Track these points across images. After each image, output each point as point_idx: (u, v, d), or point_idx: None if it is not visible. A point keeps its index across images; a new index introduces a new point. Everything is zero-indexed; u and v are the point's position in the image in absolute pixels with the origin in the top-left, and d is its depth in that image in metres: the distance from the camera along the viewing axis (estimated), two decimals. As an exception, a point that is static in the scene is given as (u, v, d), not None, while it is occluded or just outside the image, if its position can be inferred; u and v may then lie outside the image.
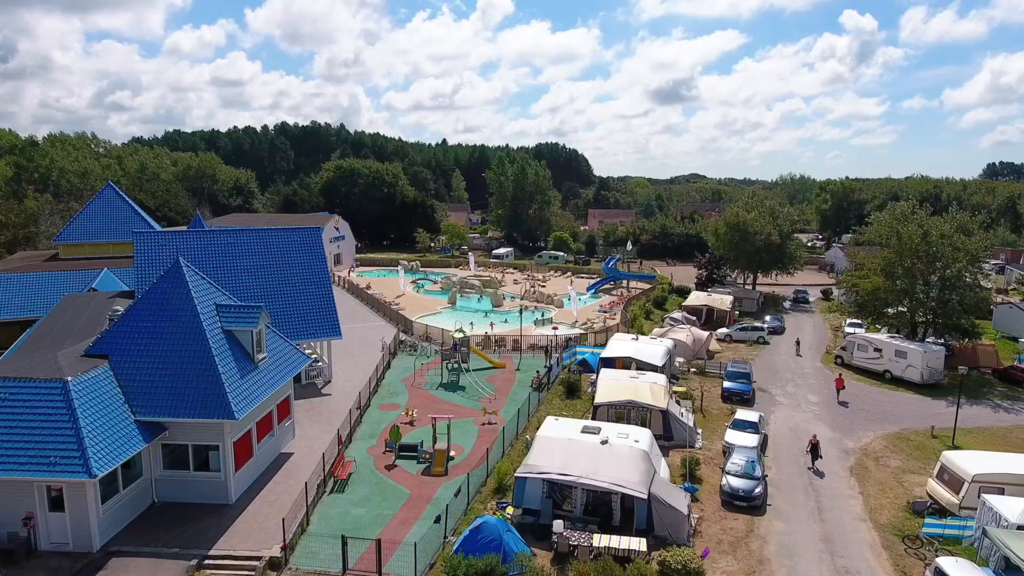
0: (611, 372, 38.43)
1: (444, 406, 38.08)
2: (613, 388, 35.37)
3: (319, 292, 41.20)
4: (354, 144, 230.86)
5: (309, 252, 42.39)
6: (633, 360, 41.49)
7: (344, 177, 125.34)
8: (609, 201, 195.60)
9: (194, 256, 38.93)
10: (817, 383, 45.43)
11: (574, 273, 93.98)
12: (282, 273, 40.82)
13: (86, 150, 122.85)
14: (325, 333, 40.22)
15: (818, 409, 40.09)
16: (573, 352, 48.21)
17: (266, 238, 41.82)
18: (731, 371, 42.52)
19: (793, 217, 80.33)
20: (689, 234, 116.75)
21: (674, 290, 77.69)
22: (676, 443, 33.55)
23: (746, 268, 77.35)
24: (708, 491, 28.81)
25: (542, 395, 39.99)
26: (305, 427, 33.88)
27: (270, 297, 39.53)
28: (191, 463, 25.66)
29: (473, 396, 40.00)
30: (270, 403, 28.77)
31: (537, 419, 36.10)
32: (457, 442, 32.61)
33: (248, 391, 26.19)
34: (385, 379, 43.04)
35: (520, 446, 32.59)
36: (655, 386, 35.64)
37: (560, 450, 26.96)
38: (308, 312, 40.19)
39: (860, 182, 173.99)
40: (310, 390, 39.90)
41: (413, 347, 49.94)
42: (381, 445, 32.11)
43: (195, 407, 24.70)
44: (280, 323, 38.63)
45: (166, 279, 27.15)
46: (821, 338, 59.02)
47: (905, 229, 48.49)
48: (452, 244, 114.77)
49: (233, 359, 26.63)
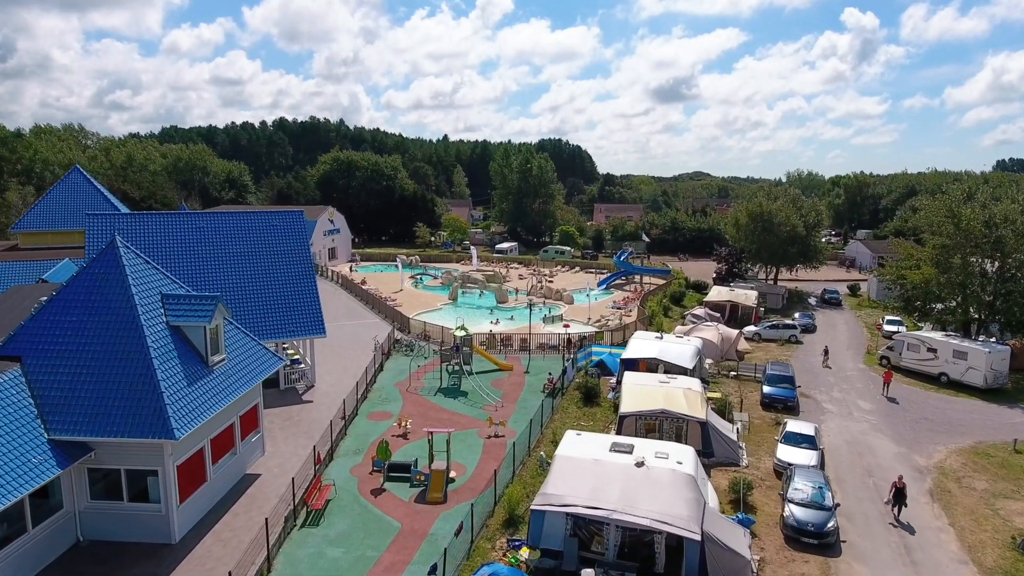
0: (636, 376, 33.18)
1: (443, 415, 32.89)
2: (641, 395, 30.14)
3: (301, 284, 36.04)
4: (354, 140, 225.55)
5: (290, 239, 37.20)
6: (659, 362, 36.32)
7: (341, 170, 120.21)
8: (614, 196, 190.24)
9: (155, 242, 33.84)
10: (865, 387, 40.15)
11: (583, 268, 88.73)
12: (259, 262, 35.67)
13: (72, 141, 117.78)
14: (307, 331, 35.04)
15: (873, 418, 34.82)
16: (588, 352, 42.99)
17: (241, 222, 36.64)
18: (771, 374, 37.22)
19: (818, 207, 74.93)
20: (701, 228, 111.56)
21: (690, 285, 72.52)
22: (717, 460, 28.34)
23: (769, 262, 72.04)
24: (765, 523, 23.58)
25: (556, 402, 34.79)
26: (279, 441, 28.69)
27: (244, 289, 34.47)
28: (124, 492, 20.49)
29: (477, 403, 34.81)
30: (229, 415, 23.57)
31: (551, 430, 30.94)
32: (458, 459, 27.43)
33: (197, 402, 21.00)
34: (377, 383, 37.85)
35: (533, 465, 27.38)
36: (690, 392, 30.41)
37: (586, 474, 21.75)
38: (288, 307, 35.03)
39: (873, 177, 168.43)
40: (289, 396, 34.71)
41: (409, 347, 44.75)
42: (367, 464, 26.90)
43: (126, 423, 19.52)
44: (256, 319, 33.62)
45: (98, 263, 21.96)
46: (857, 337, 53.72)
47: (965, 213, 43.11)
48: (453, 239, 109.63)
49: (180, 362, 21.43)
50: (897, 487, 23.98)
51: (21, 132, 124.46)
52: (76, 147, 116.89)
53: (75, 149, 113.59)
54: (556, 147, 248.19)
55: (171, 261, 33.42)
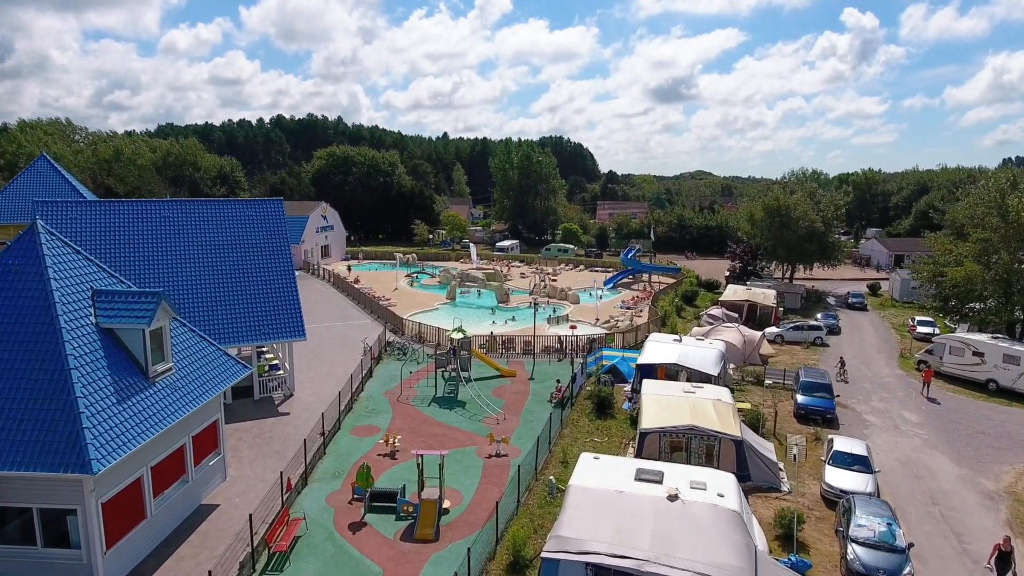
0: (657, 385, 29.24)
1: (437, 429, 28.93)
2: (665, 408, 26.20)
3: (279, 281, 32.10)
4: (352, 137, 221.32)
5: (268, 230, 33.28)
6: (680, 368, 32.41)
7: (337, 165, 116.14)
8: (617, 194, 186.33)
9: (112, 233, 29.93)
10: (907, 396, 36.19)
11: (587, 267, 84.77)
12: (231, 256, 31.76)
13: (58, 135, 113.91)
14: (285, 333, 31.07)
15: (924, 432, 30.86)
16: (599, 356, 39.02)
17: (211, 211, 32.71)
18: (806, 382, 33.20)
19: (837, 201, 70.88)
20: (709, 226, 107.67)
21: (701, 284, 68.57)
22: (755, 485, 24.43)
23: (786, 260, 68.01)
24: (822, 565, 19.64)
25: (565, 414, 30.83)
26: (245, 463, 24.74)
27: (213, 286, 30.57)
28: (38, 536, 16.54)
29: (476, 415, 30.85)
30: (177, 436, 19.62)
31: (561, 448, 27.01)
32: (454, 485, 23.49)
33: (130, 424, 17.06)
34: (364, 391, 33.89)
35: (541, 491, 23.42)
36: (721, 405, 26.48)
37: (607, 511, 17.80)
38: (264, 306, 31.09)
39: (883, 175, 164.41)
40: (264, 407, 30.73)
41: (402, 350, 40.77)
42: (347, 490, 22.95)
43: (33, 453, 15.58)
44: (225, 319, 29.73)
45: (10, 253, 18.01)
46: (887, 340, 49.75)
47: (1012, 203, 39.13)
48: (452, 237, 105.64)
49: (109, 374, 17.49)
50: (1002, 550, 18.69)
51: (8, 126, 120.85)
52: (62, 141, 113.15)
53: (61, 143, 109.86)
54: (557, 145, 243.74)
55: (128, 254, 29.56)
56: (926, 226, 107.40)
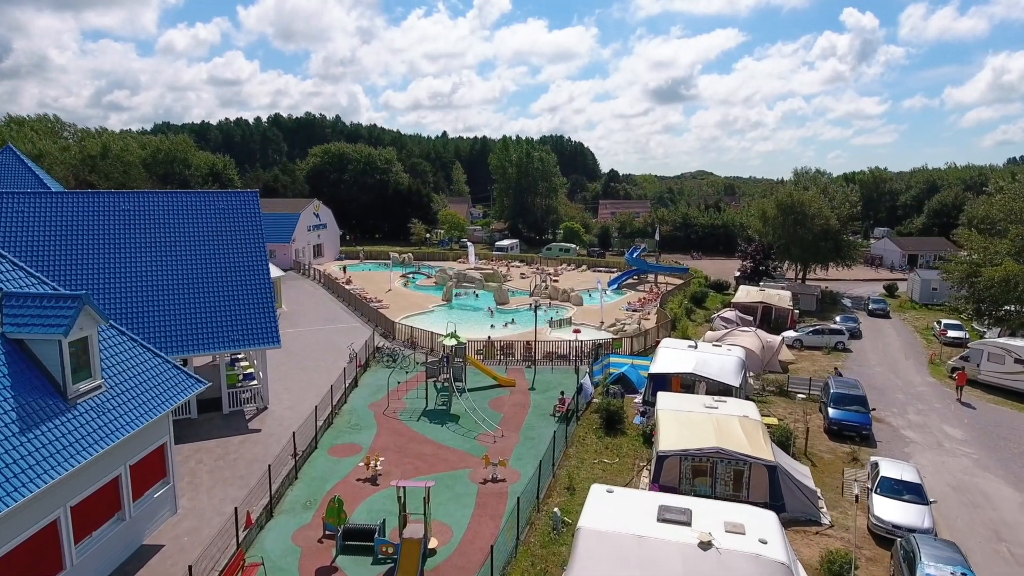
0: (674, 399, 25.98)
1: (426, 448, 25.67)
2: (685, 426, 22.96)
3: (252, 281, 28.85)
4: (350, 136, 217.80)
5: (240, 225, 30.05)
6: (697, 378, 29.18)
7: (332, 163, 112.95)
8: (619, 193, 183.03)
9: (62, 227, 26.72)
10: (945, 408, 32.93)
11: (589, 267, 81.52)
12: (197, 253, 28.54)
13: (45, 132, 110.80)
14: (256, 340, 27.81)
15: (971, 450, 27.59)
16: (606, 364, 35.80)
17: (178, 203, 29.49)
18: (838, 393, 29.86)
19: (852, 198, 67.60)
20: (715, 224, 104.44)
21: (711, 285, 65.34)
22: (790, 516, 21.18)
23: (799, 259, 64.73)
24: (881, 623, 16.41)
25: (570, 429, 27.57)
26: (202, 491, 21.50)
27: (177, 288, 27.33)
28: (-81, 598, 13.33)
29: (470, 431, 27.59)
30: (109, 466, 16.37)
31: (566, 472, 23.77)
32: (442, 518, 20.25)
33: (37, 456, 13.81)
34: (347, 404, 30.64)
35: (544, 527, 20.17)
36: (748, 423, 23.24)
37: (627, 562, 14.60)
38: (234, 310, 27.84)
39: (889, 174, 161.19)
40: (233, 423, 27.47)
41: (391, 356, 37.50)
42: (318, 525, 19.70)
43: (-98, 497, 12.33)
44: (189, 325, 26.52)
45: None
46: (912, 344, 46.49)
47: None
48: (450, 236, 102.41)
49: (13, 395, 14.26)
50: None
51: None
52: (49, 137, 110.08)
53: (47, 140, 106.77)
54: (558, 144, 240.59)
55: (79, 252, 26.33)
56: (940, 225, 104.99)
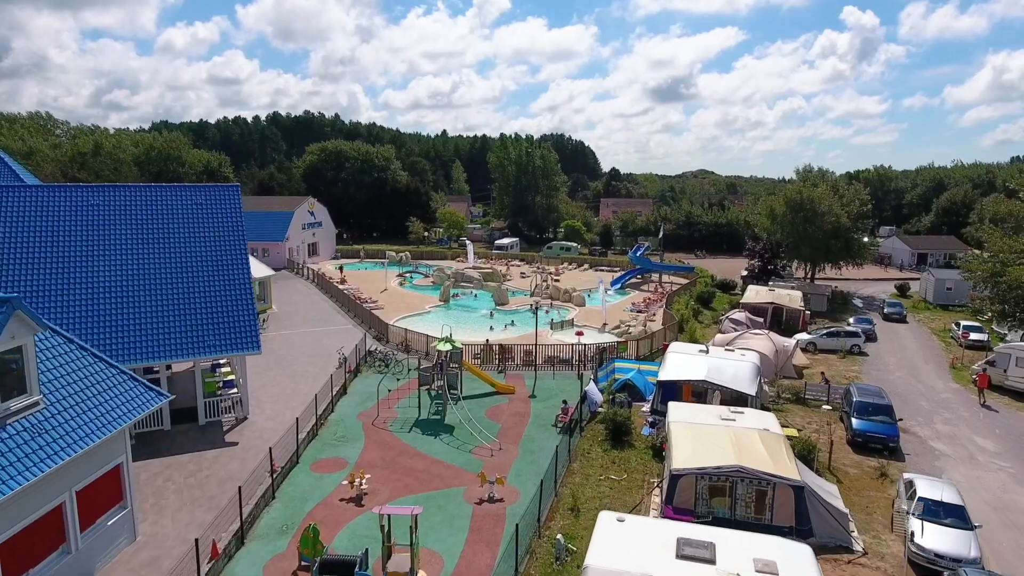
0: (686, 410, 23.92)
1: (417, 464, 23.63)
2: (700, 441, 20.90)
3: (230, 282, 26.83)
4: (349, 134, 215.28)
5: (219, 221, 28.03)
6: (711, 386, 27.12)
7: (329, 161, 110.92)
8: (621, 191, 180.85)
9: (23, 223, 24.70)
10: (973, 416, 30.87)
11: (591, 266, 79.47)
12: (172, 252, 26.53)
13: (36, 129, 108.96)
14: (234, 346, 25.78)
15: (1007, 464, 25.53)
16: (611, 369, 33.76)
17: (151, 198, 27.47)
18: (861, 402, 27.76)
19: (862, 196, 65.49)
20: (719, 223, 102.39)
21: (717, 284, 63.29)
22: (819, 542, 19.10)
23: (809, 258, 62.65)
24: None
25: (573, 441, 25.55)
26: (167, 514, 19.45)
27: (148, 289, 25.31)
28: None
29: (466, 444, 25.54)
30: (49, 494, 14.35)
31: (570, 490, 21.74)
32: (433, 545, 18.21)
33: (-49, 488, 11.80)
34: (335, 413, 28.62)
35: (546, 555, 18.13)
36: (769, 437, 21.19)
37: (642, 609, 12.58)
38: (210, 313, 25.81)
39: (895, 172, 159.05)
40: (209, 436, 25.41)
41: (383, 361, 35.47)
42: (294, 554, 17.67)
43: None
44: (160, 330, 24.47)
45: None
46: (929, 347, 44.42)
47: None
48: (449, 235, 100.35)
49: (-74, 415, 12.24)
50: None
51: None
52: (40, 135, 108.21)
53: (38, 137, 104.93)
54: (558, 142, 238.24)
55: (42, 250, 24.32)
56: (948, 223, 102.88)
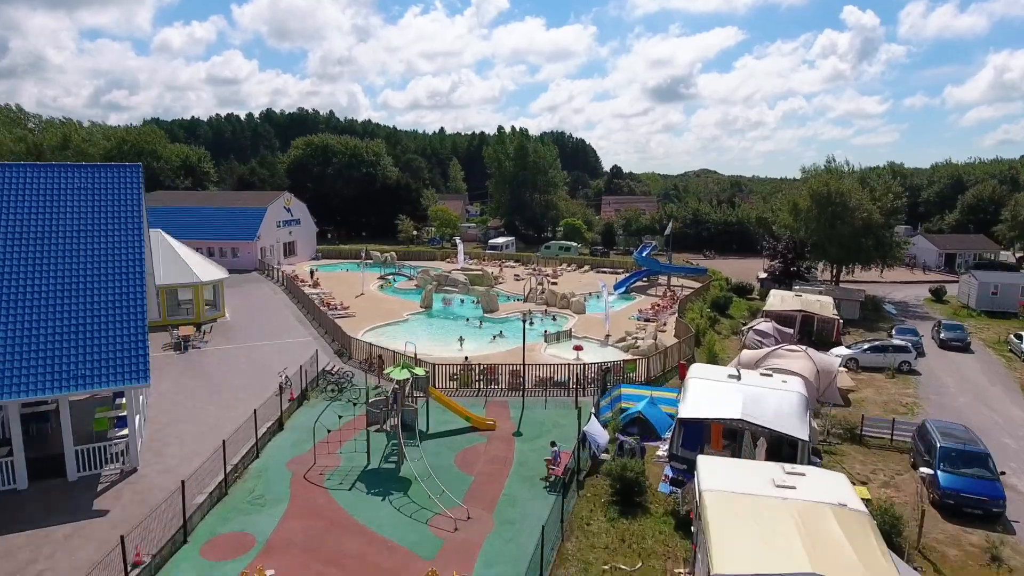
0: (725, 473, 17.12)
1: (350, 545, 17.03)
2: (752, 527, 14.29)
3: (116, 293, 20.36)
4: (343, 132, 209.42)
5: (107, 213, 21.55)
6: (749, 427, 20.59)
7: (315, 155, 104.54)
8: (623, 189, 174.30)
9: None
10: (1077, 460, 24.32)
11: (592, 267, 72.87)
12: (34, 250, 20.06)
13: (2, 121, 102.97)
14: (114, 376, 19.25)
15: None
16: (617, 396, 27.13)
17: (19, 181, 21.01)
18: (947, 448, 21.08)
19: (896, 189, 58.84)
20: (728, 221, 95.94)
21: (733, 288, 56.66)
22: None
23: (836, 259, 56.06)
24: None
25: (568, 504, 19.00)
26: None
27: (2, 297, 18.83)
28: None
29: (423, 510, 18.97)
30: None
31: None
32: None
33: None
34: (260, 459, 22.07)
35: None
36: (849, 517, 14.59)
37: None
38: (85, 333, 19.35)
39: (908, 168, 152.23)
40: (76, 499, 18.83)
41: (338, 385, 28.88)
42: None
43: None
44: (12, 353, 18.00)
45: None
46: (989, 364, 37.77)
47: None
48: (442, 234, 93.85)
49: None
50: None
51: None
52: (6, 127, 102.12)
53: (3, 129, 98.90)
54: (559, 140, 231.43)
55: None
56: (975, 221, 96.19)
